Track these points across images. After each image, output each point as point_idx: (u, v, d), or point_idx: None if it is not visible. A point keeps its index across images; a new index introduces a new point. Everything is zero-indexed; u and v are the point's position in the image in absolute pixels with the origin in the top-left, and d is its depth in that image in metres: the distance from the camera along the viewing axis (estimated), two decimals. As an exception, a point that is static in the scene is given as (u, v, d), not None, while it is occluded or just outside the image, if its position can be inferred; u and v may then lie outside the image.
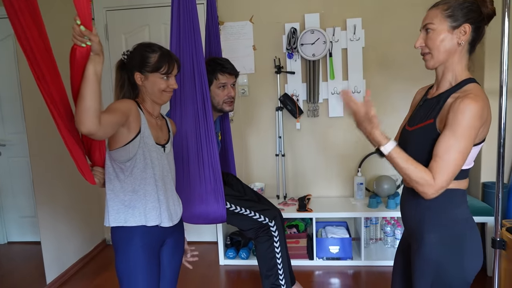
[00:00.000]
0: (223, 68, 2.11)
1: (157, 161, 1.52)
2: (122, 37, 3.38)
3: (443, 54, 1.27)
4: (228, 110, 2.18)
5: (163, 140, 1.59)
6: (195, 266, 3.08)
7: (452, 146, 1.16)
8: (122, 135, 1.44)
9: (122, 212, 1.48)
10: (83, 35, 1.17)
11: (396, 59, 3.16)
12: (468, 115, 1.14)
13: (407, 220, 1.40)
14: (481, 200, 2.89)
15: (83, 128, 1.20)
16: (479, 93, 1.20)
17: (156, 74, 1.51)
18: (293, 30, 3.13)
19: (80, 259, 3.18)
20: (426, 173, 1.18)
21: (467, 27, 1.23)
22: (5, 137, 3.41)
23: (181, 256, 1.73)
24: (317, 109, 3.25)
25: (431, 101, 1.32)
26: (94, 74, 1.22)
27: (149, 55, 1.51)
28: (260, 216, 2.17)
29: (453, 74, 1.29)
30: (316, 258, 3.00)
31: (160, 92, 1.53)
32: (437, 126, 1.24)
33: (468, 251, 1.25)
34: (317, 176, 3.38)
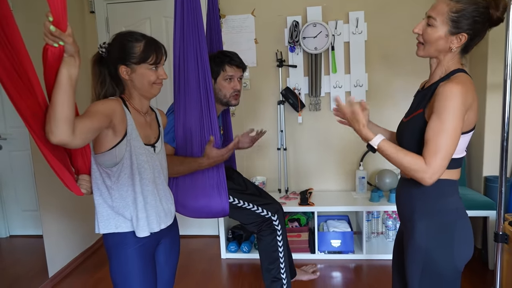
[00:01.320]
0: (231, 60, 2.10)
1: (147, 164, 1.41)
2: (123, 30, 3.35)
3: (434, 51, 1.30)
4: (234, 104, 2.16)
5: (153, 139, 1.49)
6: (196, 260, 3.10)
7: (440, 129, 1.18)
8: (107, 138, 1.33)
9: (112, 218, 1.40)
10: (54, 35, 1.06)
11: (399, 52, 3.14)
12: (451, 98, 1.17)
13: (401, 210, 1.44)
14: (483, 194, 2.89)
15: (53, 138, 1.08)
16: (463, 79, 1.22)
17: (143, 65, 1.37)
18: (295, 23, 3.12)
19: (82, 253, 3.19)
20: (418, 159, 1.21)
21: (463, 37, 1.24)
22: (6, 131, 3.41)
23: (178, 255, 1.66)
24: (319, 103, 3.24)
25: (423, 92, 1.36)
26: (68, 78, 1.09)
27: (133, 44, 1.36)
28: (263, 210, 2.18)
29: (444, 68, 1.31)
30: (318, 252, 3.01)
31: (150, 85, 1.40)
32: (425, 115, 1.27)
33: (458, 240, 1.27)
34: (319, 170, 3.37)
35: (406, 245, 1.36)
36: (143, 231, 1.40)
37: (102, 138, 1.33)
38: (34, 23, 1.90)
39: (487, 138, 2.83)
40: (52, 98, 1.09)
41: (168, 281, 1.62)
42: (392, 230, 3.14)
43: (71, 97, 1.10)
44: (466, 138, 1.28)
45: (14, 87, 1.10)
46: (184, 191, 1.98)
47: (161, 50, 1.42)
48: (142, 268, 1.42)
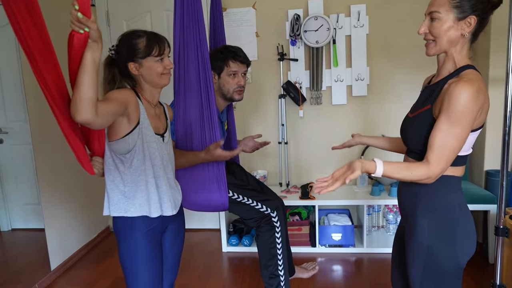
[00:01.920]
0: (236, 55, 2.09)
1: (157, 152, 1.50)
2: (123, 23, 3.35)
3: (446, 43, 1.27)
4: (238, 99, 2.16)
5: (161, 130, 1.57)
6: (198, 253, 3.12)
7: (449, 133, 1.16)
8: (122, 126, 1.41)
9: (122, 202, 1.47)
10: (81, 21, 1.13)
11: (400, 46, 3.13)
12: (463, 100, 1.14)
13: (403, 205, 1.43)
14: (484, 188, 2.89)
15: (79, 117, 1.17)
16: (474, 78, 1.19)
17: (149, 58, 1.46)
18: (297, 17, 3.10)
19: (84, 245, 3.20)
20: (421, 170, 1.19)
21: (472, 19, 1.22)
22: (7, 125, 3.41)
23: (183, 241, 1.74)
24: (320, 97, 3.24)
25: (431, 88, 1.33)
26: (92, 62, 1.18)
27: (136, 41, 1.46)
28: (262, 206, 2.18)
29: (453, 63, 1.28)
30: (319, 245, 3.02)
31: (158, 76, 1.49)
32: (433, 112, 1.25)
33: (460, 236, 1.27)
34: (320, 163, 3.37)
35: (408, 241, 1.35)
36: (156, 211, 1.48)
37: (117, 125, 1.40)
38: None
39: (488, 132, 2.83)
40: (78, 80, 1.17)
41: (173, 265, 1.70)
42: (393, 224, 3.15)
43: (95, 79, 1.18)
44: (474, 136, 1.26)
45: (43, 59, 1.17)
46: (185, 184, 1.99)
47: (163, 42, 1.50)
48: (149, 252, 1.49)
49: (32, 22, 1.14)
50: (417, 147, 1.30)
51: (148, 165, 1.46)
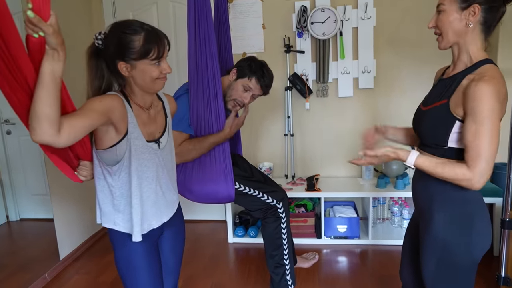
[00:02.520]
0: (262, 78, 2.04)
1: (150, 162, 1.36)
2: (130, 15, 3.35)
3: (452, 35, 1.27)
4: (228, 108, 2.10)
5: (157, 134, 1.42)
6: (204, 244, 3.15)
7: (479, 132, 1.15)
8: (108, 135, 1.26)
9: (112, 215, 1.38)
10: (33, 23, 0.94)
11: (408, 39, 3.11)
12: (486, 100, 1.13)
13: (418, 199, 1.42)
14: (490, 181, 2.89)
15: (35, 138, 1.00)
16: (494, 74, 1.18)
17: (144, 61, 1.24)
18: (303, 9, 3.09)
19: (91, 236, 3.24)
20: (459, 167, 1.18)
21: (476, 8, 1.21)
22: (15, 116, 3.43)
23: (183, 243, 1.65)
24: (327, 89, 3.23)
25: (446, 81, 1.32)
26: (51, 74, 0.99)
27: (132, 38, 1.22)
28: (268, 197, 2.20)
29: (468, 55, 1.27)
30: (324, 237, 3.04)
31: (152, 81, 1.29)
32: (450, 107, 1.24)
33: (476, 231, 1.26)
34: (326, 156, 3.38)
35: (422, 235, 1.35)
36: (137, 236, 1.36)
37: (103, 135, 1.26)
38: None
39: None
40: (34, 94, 0.99)
41: (173, 269, 1.62)
42: (398, 216, 3.16)
43: (53, 95, 1.00)
44: None
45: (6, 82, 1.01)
46: (192, 177, 2.01)
47: (163, 42, 1.28)
48: (146, 259, 1.41)
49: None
50: (432, 141, 1.30)
51: (135, 180, 1.33)
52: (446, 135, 1.24)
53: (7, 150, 3.53)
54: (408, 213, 3.09)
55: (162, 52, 1.27)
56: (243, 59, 2.12)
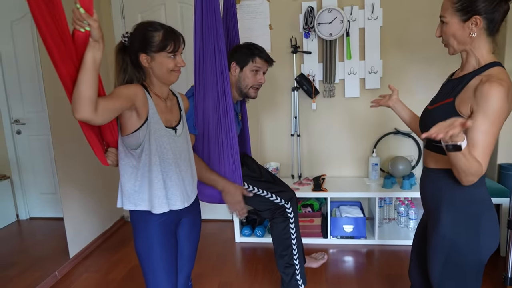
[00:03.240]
0: (261, 53, 2.13)
1: (169, 145, 1.50)
2: (138, 16, 3.38)
3: (458, 45, 1.31)
4: (253, 97, 2.19)
5: (174, 122, 1.57)
6: (211, 243, 3.17)
7: (488, 133, 1.17)
8: (132, 121, 1.43)
9: (132, 197, 1.49)
10: (82, 19, 1.15)
11: (414, 39, 3.11)
12: (496, 100, 1.15)
13: (426, 199, 1.43)
14: (497, 182, 2.89)
15: (77, 115, 1.18)
16: (503, 77, 1.21)
17: (162, 53, 1.45)
18: (310, 9, 3.10)
19: (101, 235, 3.28)
20: (478, 164, 1.18)
21: (478, 20, 1.23)
22: (25, 116, 3.48)
23: (198, 234, 1.77)
24: (333, 90, 3.25)
25: (454, 82, 1.34)
26: (93, 62, 1.19)
27: (153, 34, 1.44)
28: (276, 197, 2.22)
29: (476, 59, 1.30)
30: (331, 237, 3.05)
31: (168, 72, 1.48)
32: (456, 105, 1.26)
33: (484, 231, 1.28)
34: (332, 156, 3.40)
35: (430, 235, 1.37)
36: (160, 208, 1.48)
37: (127, 120, 1.42)
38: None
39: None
40: (78, 78, 1.18)
41: (189, 256, 1.74)
42: (404, 216, 3.17)
43: (94, 79, 1.19)
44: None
45: (58, 52, 1.18)
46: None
47: (179, 39, 1.49)
48: (163, 243, 1.53)
49: (49, 15, 1.15)
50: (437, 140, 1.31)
51: (156, 160, 1.46)
52: None
53: (17, 149, 3.59)
54: (415, 213, 3.09)
55: (178, 47, 1.47)
56: (231, 52, 2.17)
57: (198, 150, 2.02)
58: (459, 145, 1.10)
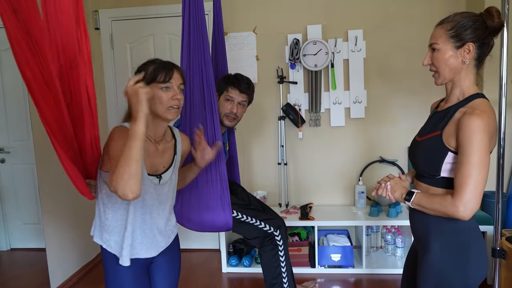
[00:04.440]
0: (237, 83, 2.18)
1: (146, 195, 1.42)
2: (127, 46, 3.43)
3: (449, 72, 1.32)
4: (227, 125, 2.21)
5: (161, 168, 1.48)
6: (197, 274, 3.12)
7: (466, 162, 1.19)
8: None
9: (103, 233, 1.45)
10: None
11: (397, 70, 3.21)
12: (476, 132, 1.18)
13: (415, 228, 1.45)
14: (480, 210, 2.93)
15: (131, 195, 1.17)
16: (485, 108, 1.23)
17: (153, 85, 1.37)
18: (296, 41, 3.19)
19: (83, 266, 3.20)
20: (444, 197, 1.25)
21: (471, 46, 1.27)
22: (9, 144, 3.45)
23: (178, 272, 1.67)
24: (319, 119, 3.30)
25: (440, 114, 1.38)
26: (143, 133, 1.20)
27: (147, 67, 1.40)
28: (265, 225, 2.21)
29: (461, 90, 1.33)
30: (318, 266, 3.03)
31: (163, 108, 1.39)
32: (443, 138, 1.29)
33: (472, 260, 1.28)
34: (319, 184, 3.41)
35: (420, 264, 1.37)
36: (125, 261, 1.41)
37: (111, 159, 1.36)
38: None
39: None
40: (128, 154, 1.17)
41: None
42: (391, 244, 3.17)
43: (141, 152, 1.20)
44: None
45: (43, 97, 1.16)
46: (189, 205, 2.02)
47: (172, 70, 1.41)
48: (135, 284, 1.46)
49: (33, 58, 1.12)
50: (426, 171, 1.34)
51: (131, 209, 1.40)
52: (439, 164, 1.29)
53: (1, 179, 3.53)
54: (401, 241, 3.10)
55: (170, 77, 1.39)
56: (217, 82, 2.24)
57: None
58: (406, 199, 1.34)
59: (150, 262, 1.55)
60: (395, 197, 1.41)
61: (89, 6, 3.40)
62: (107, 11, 3.40)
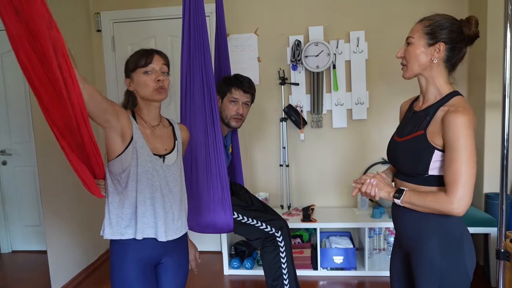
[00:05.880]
0: (240, 84, 2.18)
1: (155, 172, 1.45)
2: (128, 48, 3.43)
3: (417, 67, 1.37)
4: (234, 126, 2.22)
5: (163, 150, 1.52)
6: (199, 276, 3.10)
7: (454, 159, 1.22)
8: (116, 144, 1.41)
9: (116, 225, 1.45)
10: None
11: (398, 71, 3.17)
12: (463, 129, 1.21)
13: (403, 231, 1.43)
14: (484, 211, 2.91)
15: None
16: (466, 105, 1.27)
17: (137, 71, 1.46)
18: (297, 43, 3.18)
19: (85, 268, 3.19)
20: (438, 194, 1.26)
21: (441, 46, 1.31)
22: (11, 146, 3.45)
23: (186, 275, 1.66)
24: (321, 120, 3.29)
25: (420, 114, 1.40)
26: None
27: (131, 58, 1.50)
28: (266, 226, 2.20)
29: (436, 88, 1.37)
30: (320, 268, 3.01)
31: (149, 90, 1.45)
32: (427, 137, 1.31)
33: (467, 251, 1.32)
34: (321, 186, 3.40)
35: (417, 264, 1.36)
36: (145, 233, 1.45)
37: (112, 144, 1.41)
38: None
39: (486, 156, 2.87)
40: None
41: None
42: (394, 246, 3.14)
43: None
44: None
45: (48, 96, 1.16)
46: (189, 206, 2.01)
47: (151, 53, 1.48)
48: (142, 282, 1.46)
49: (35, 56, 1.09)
50: (411, 170, 1.35)
51: (142, 186, 1.43)
52: (427, 164, 1.30)
53: (2, 180, 3.53)
54: (404, 243, 3.07)
55: (150, 60, 1.45)
56: (218, 84, 2.24)
57: (186, 179, 2.00)
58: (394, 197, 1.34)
59: (157, 263, 1.54)
60: (381, 195, 1.39)
61: (91, 8, 3.41)
62: (108, 13, 3.40)
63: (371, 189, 1.39)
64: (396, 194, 1.35)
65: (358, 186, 1.45)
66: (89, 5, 3.40)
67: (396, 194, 1.35)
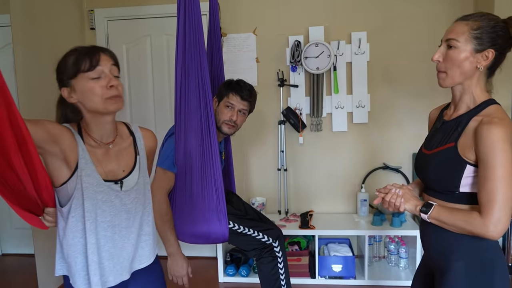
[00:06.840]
0: (239, 90, 2.06)
1: (106, 205, 1.21)
2: (123, 47, 3.33)
3: (460, 76, 1.21)
4: (225, 132, 2.08)
5: (121, 173, 1.26)
6: (193, 283, 2.99)
7: (491, 178, 1.10)
8: (61, 171, 1.16)
9: (61, 263, 1.27)
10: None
11: (401, 74, 3.10)
12: (499, 144, 1.08)
13: (430, 245, 1.32)
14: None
15: None
16: (502, 116, 1.14)
17: (80, 76, 1.14)
18: (297, 43, 3.09)
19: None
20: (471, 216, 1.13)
21: (490, 53, 1.17)
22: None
23: None
24: (321, 124, 3.19)
25: (450, 124, 1.27)
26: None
27: (65, 59, 1.17)
28: (263, 236, 2.11)
29: (471, 97, 1.23)
30: (318, 277, 2.92)
31: (101, 99, 1.15)
32: (458, 150, 1.19)
33: (497, 279, 1.19)
34: (320, 191, 3.30)
35: (440, 285, 1.26)
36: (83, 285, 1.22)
37: (56, 170, 1.17)
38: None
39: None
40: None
41: None
42: (395, 254, 3.05)
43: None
44: None
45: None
46: (182, 216, 1.92)
47: (97, 52, 1.17)
48: None
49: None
50: (441, 186, 1.23)
51: (88, 224, 1.18)
52: (457, 179, 1.18)
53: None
54: (405, 251, 2.98)
55: (96, 61, 1.15)
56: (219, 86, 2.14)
57: (179, 188, 1.91)
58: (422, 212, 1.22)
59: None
60: (406, 207, 1.27)
61: (85, 5, 3.31)
62: (102, 11, 3.30)
63: (396, 198, 1.27)
64: (424, 209, 1.23)
65: (382, 195, 1.33)
66: (82, 2, 3.29)
67: (424, 208, 1.23)
